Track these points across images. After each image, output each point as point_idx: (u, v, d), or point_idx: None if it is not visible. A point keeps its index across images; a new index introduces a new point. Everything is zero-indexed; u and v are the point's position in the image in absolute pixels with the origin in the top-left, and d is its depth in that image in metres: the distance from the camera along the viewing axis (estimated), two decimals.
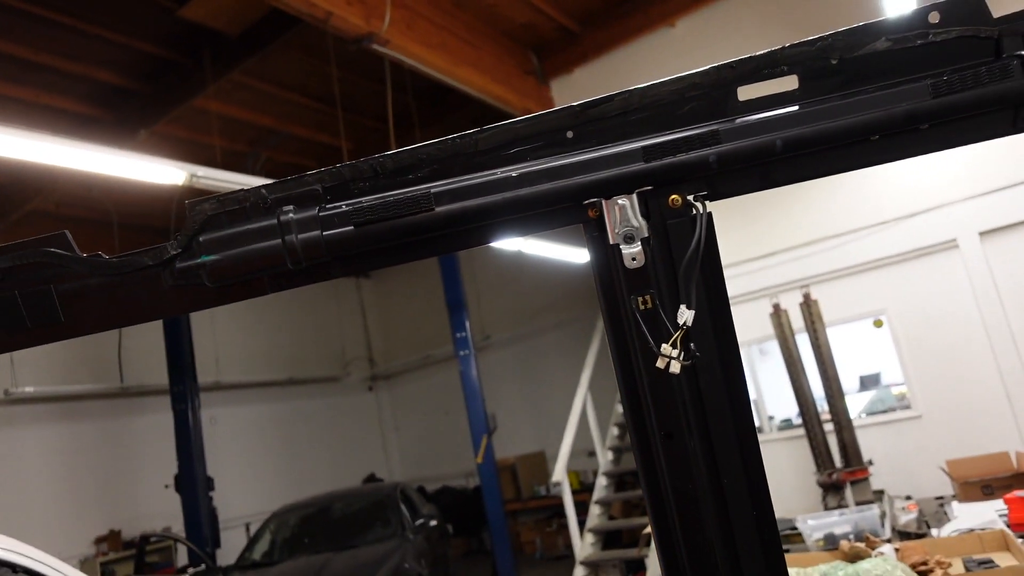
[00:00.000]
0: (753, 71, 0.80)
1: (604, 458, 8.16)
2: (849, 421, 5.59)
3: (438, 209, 0.78)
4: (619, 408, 8.36)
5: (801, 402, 5.78)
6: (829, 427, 5.71)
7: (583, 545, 7.35)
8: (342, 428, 12.89)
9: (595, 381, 8.27)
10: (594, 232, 0.81)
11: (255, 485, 10.73)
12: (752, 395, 7.15)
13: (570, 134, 0.81)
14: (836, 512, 4.42)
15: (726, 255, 6.49)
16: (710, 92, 0.80)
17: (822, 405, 5.84)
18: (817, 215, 6.42)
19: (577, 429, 8.00)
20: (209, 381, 10.57)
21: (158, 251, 0.77)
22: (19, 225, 8.27)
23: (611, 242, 0.80)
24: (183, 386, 8.87)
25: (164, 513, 9.11)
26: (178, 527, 8.95)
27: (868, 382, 8.41)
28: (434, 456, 13.07)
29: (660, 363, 0.75)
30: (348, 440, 12.90)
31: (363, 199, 0.78)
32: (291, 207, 0.78)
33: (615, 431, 8.49)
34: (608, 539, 7.80)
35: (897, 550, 3.32)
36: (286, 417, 11.85)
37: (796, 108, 0.79)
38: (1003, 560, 2.96)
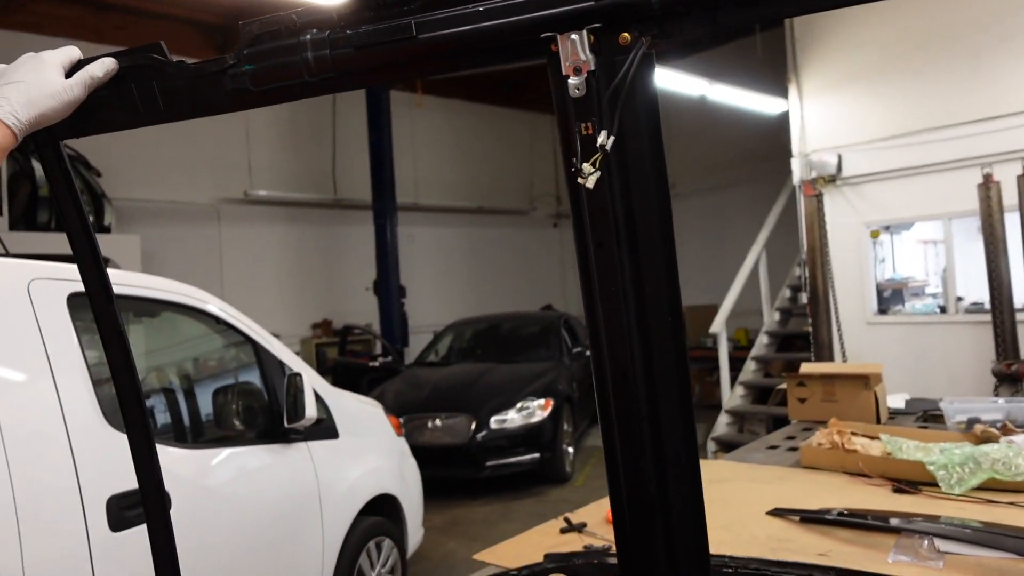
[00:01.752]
0: None
1: (770, 317, 8.06)
2: None
3: (420, 37, 0.94)
4: (796, 270, 8.08)
5: (994, 284, 5.26)
6: (1022, 317, 5.19)
7: (731, 395, 7.52)
8: (525, 259, 13.66)
9: (773, 241, 7.99)
10: (554, 65, 0.93)
11: (442, 298, 11.92)
12: (934, 273, 6.58)
13: None
14: (989, 399, 4.18)
15: (925, 117, 5.77)
16: None
17: (1021, 293, 5.29)
18: None
19: (749, 287, 7.91)
20: (408, 202, 11.60)
21: (221, 60, 1.02)
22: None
23: (563, 73, 0.91)
24: (383, 204, 9.85)
25: (365, 311, 10.53)
26: (376, 325, 10.37)
27: None
28: None
29: (581, 180, 0.89)
30: (529, 271, 13.69)
31: (365, 26, 0.96)
32: (313, 30, 0.98)
33: (787, 292, 8.26)
34: (762, 395, 7.88)
35: None
36: (475, 242, 12.76)
37: None
38: None
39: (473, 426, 6.01)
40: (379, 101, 9.59)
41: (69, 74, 1.02)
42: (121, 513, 2.11)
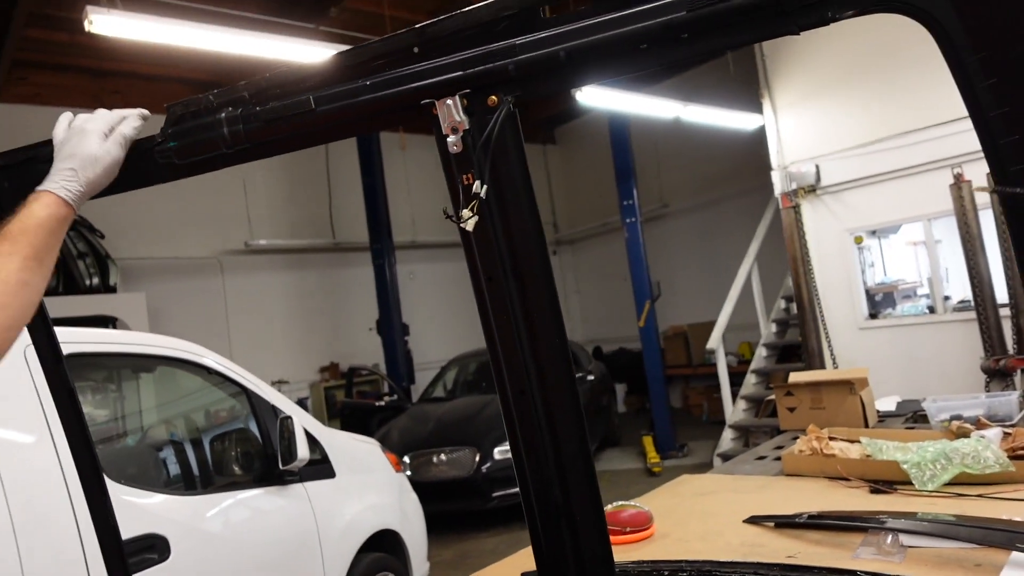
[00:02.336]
0: None
1: (767, 329, 8.12)
2: None
3: (318, 109, 1.08)
4: (789, 281, 8.16)
5: (975, 282, 5.34)
6: (1005, 312, 5.26)
7: (734, 410, 7.56)
8: None
9: (764, 253, 8.09)
10: (436, 126, 1.07)
11: (445, 333, 12.03)
12: (926, 274, 6.65)
13: (416, 49, 1.05)
14: (971, 395, 4.24)
15: (896, 122, 5.85)
16: (519, 12, 0.99)
17: (1001, 288, 5.35)
18: None
19: (746, 301, 8.00)
20: (406, 240, 11.79)
21: (151, 139, 1.16)
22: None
23: (443, 133, 1.05)
24: (381, 244, 10.04)
25: (370, 352, 10.65)
26: (382, 365, 10.49)
27: None
28: (612, 319, 13.59)
29: (462, 224, 1.02)
30: None
31: (272, 103, 1.10)
32: (228, 108, 1.12)
33: (782, 303, 8.34)
34: (767, 409, 7.91)
35: (1008, 434, 3.20)
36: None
37: (579, 24, 0.96)
38: None
39: (477, 458, 6.08)
40: (370, 145, 9.83)
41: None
42: None
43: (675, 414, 10.92)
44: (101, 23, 3.97)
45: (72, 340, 2.38)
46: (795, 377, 4.27)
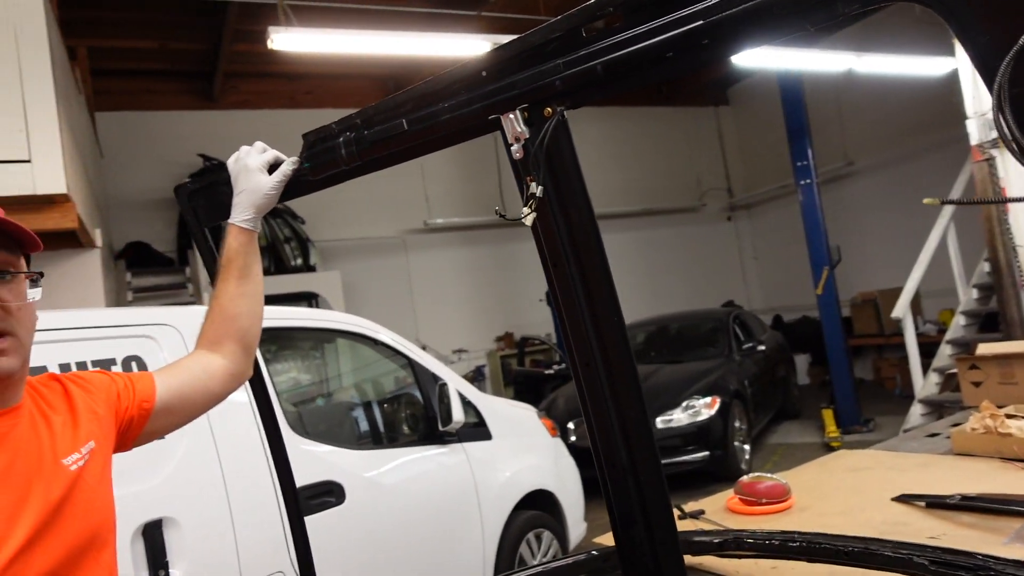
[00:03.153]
0: (591, 15, 1.10)
1: (966, 295, 7.36)
2: None
3: (409, 130, 1.29)
4: None
5: None
6: None
7: (925, 384, 6.98)
8: (699, 256, 13.46)
9: (965, 209, 7.30)
10: (504, 137, 1.23)
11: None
12: None
13: (484, 73, 1.22)
14: None
15: None
16: (564, 34, 1.13)
17: None
18: None
19: (942, 263, 7.32)
20: None
21: (297, 159, 1.44)
22: None
23: (508, 142, 1.21)
24: None
25: (541, 322, 11.06)
26: (554, 335, 10.86)
27: None
28: (793, 286, 12.89)
29: (523, 220, 1.18)
30: (706, 268, 13.45)
31: (376, 127, 1.33)
32: (345, 133, 1.36)
33: (986, 267, 7.48)
34: (951, 383, 7.21)
35: None
36: (642, 245, 12.83)
37: (612, 40, 1.08)
38: None
39: None
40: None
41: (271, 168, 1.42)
42: (306, 501, 2.66)
43: (864, 387, 10.21)
44: (281, 40, 4.55)
45: (268, 317, 2.85)
46: (983, 349, 3.94)
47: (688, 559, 2.12)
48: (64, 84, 4.45)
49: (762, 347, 7.80)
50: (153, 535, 2.18)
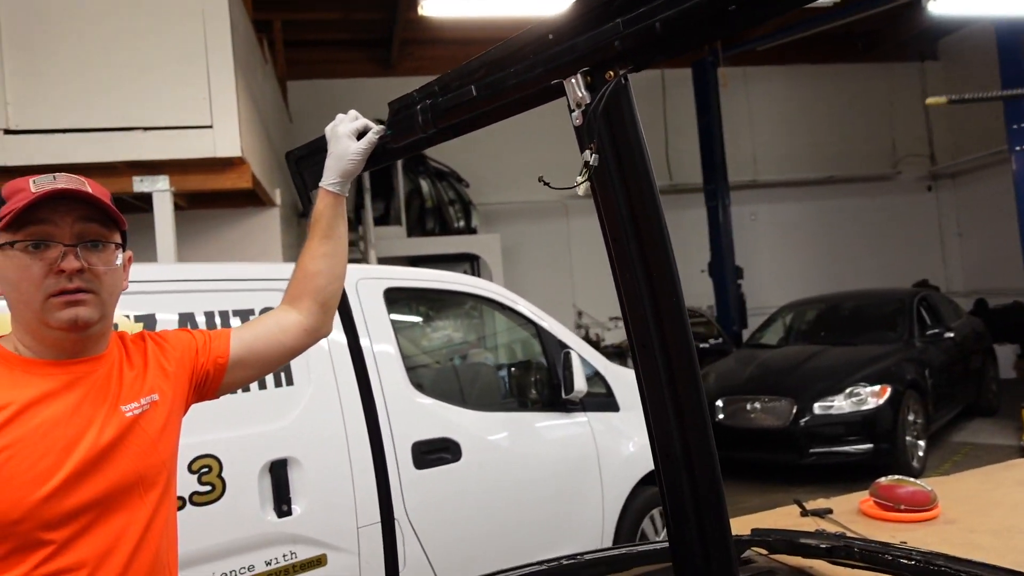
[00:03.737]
0: None
1: None
2: None
3: (478, 97, 1.25)
4: None
5: None
6: None
7: None
8: (891, 230, 12.21)
9: None
10: (567, 102, 1.17)
11: (786, 277, 11.37)
12: None
13: (551, 36, 1.16)
14: None
15: None
16: None
17: None
18: None
19: None
20: (745, 180, 11.33)
21: (382, 127, 1.46)
22: None
23: (571, 108, 1.15)
24: (715, 185, 9.84)
25: (702, 294, 10.62)
26: (715, 307, 10.42)
27: None
28: (1004, 267, 11.34)
29: (576, 188, 1.11)
30: (898, 244, 12.19)
31: (450, 94, 1.31)
32: (425, 100, 1.36)
33: None
34: None
35: None
36: (824, 216, 11.86)
37: None
38: None
39: (794, 410, 5.81)
40: (706, 83, 9.60)
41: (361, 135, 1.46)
42: (422, 456, 2.78)
43: None
44: (431, 6, 4.74)
45: (388, 276, 2.98)
46: None
47: (797, 561, 1.97)
48: (246, 56, 4.86)
49: (950, 334, 6.96)
50: (278, 472, 2.38)
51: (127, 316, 2.21)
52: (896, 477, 2.43)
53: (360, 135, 1.47)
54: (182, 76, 4.11)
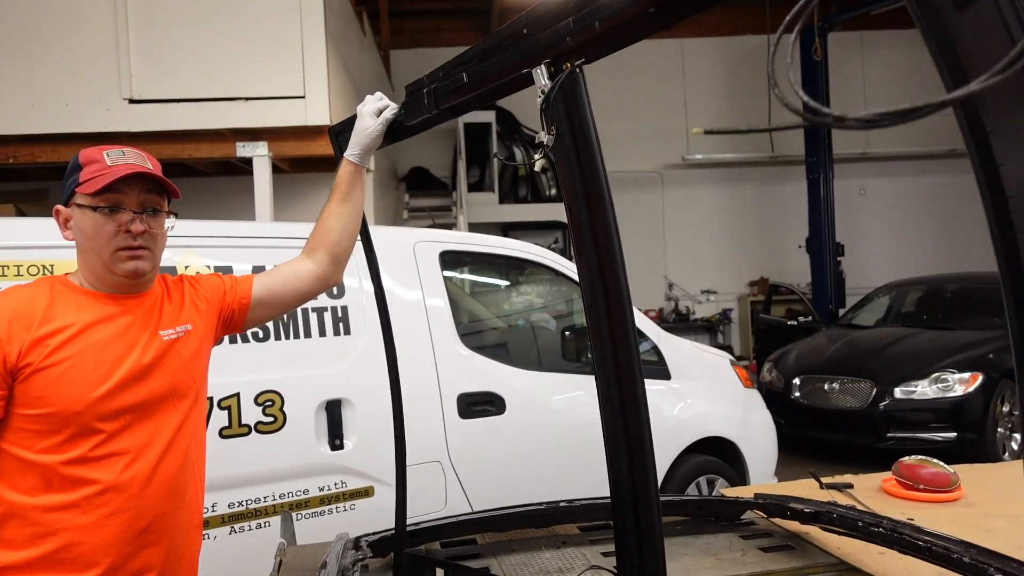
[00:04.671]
0: None
1: None
2: None
3: (467, 82, 1.42)
4: None
5: None
6: None
7: None
8: None
9: None
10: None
11: (894, 257, 10.80)
12: None
13: (525, 31, 1.31)
14: None
15: None
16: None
17: None
18: None
19: None
20: (855, 152, 10.79)
21: (398, 107, 1.66)
22: None
23: (538, 95, 1.30)
24: (816, 157, 9.46)
25: (799, 270, 10.30)
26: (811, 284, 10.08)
27: None
28: None
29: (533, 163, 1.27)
30: None
31: (445, 80, 1.48)
32: (431, 84, 1.54)
33: None
34: None
35: None
36: (941, 193, 11.12)
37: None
38: None
39: (873, 393, 5.65)
40: (810, 47, 9.15)
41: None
42: (467, 407, 3.01)
43: None
44: None
45: (442, 239, 3.21)
46: None
47: (794, 526, 2.06)
48: (340, 30, 5.18)
49: None
50: (333, 411, 2.68)
51: (207, 265, 2.55)
52: (920, 458, 2.44)
53: (382, 113, 1.67)
54: (279, 51, 4.47)
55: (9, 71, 4.47)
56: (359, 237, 1.76)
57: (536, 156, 1.27)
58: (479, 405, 3.05)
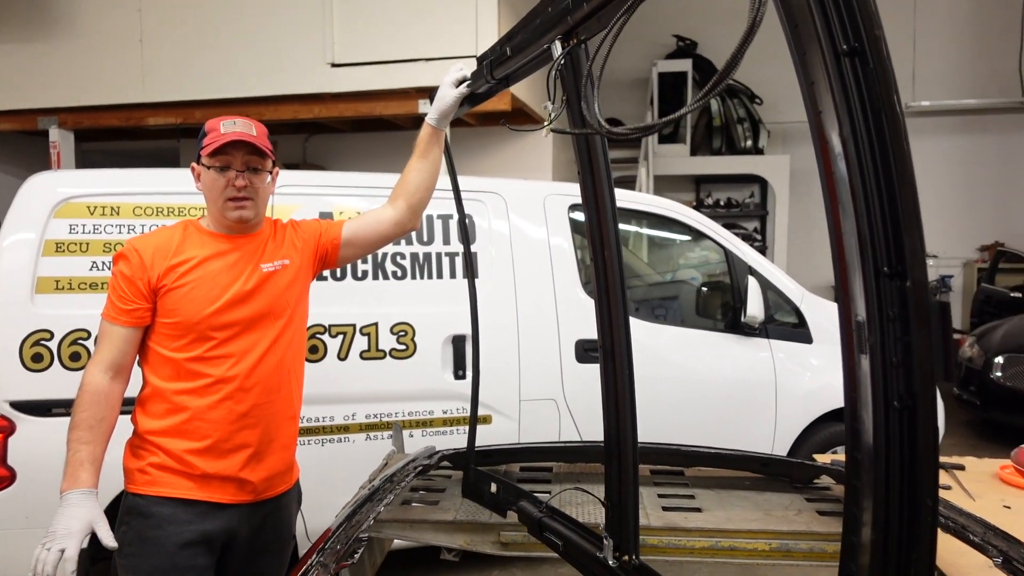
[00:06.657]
0: None
1: None
2: None
3: (509, 57, 1.59)
4: None
5: None
6: None
7: None
8: None
9: None
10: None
11: None
12: None
13: (549, 9, 1.44)
14: None
15: None
16: None
17: None
18: None
19: None
20: None
21: (471, 79, 1.86)
22: None
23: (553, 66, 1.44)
24: None
25: None
26: None
27: None
28: None
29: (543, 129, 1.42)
30: None
31: (497, 54, 1.65)
32: (489, 57, 1.72)
33: None
34: None
35: None
36: None
37: None
38: None
39: None
40: None
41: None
42: (584, 352, 3.21)
43: None
44: None
45: (571, 193, 3.37)
46: None
47: None
48: None
49: None
50: (458, 344, 3.02)
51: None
52: None
53: (460, 84, 1.89)
54: (455, 14, 4.82)
55: (239, 43, 5.29)
56: (452, 195, 2.02)
57: (545, 124, 1.42)
58: (596, 351, 3.21)
